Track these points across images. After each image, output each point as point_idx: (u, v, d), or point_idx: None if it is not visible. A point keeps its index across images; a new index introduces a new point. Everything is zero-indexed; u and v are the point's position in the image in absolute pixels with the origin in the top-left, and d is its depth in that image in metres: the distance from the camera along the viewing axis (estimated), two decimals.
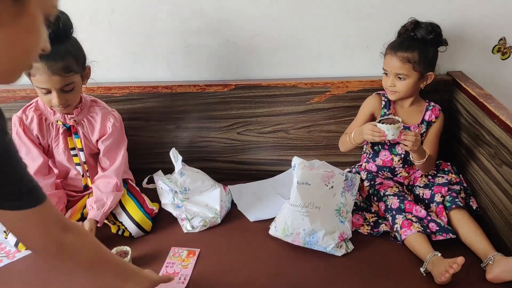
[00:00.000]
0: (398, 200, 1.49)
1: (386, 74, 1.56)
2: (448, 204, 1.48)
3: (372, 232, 1.49)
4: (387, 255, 1.40)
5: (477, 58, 1.77)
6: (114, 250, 1.36)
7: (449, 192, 1.52)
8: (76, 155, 1.50)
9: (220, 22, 1.69)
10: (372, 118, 1.62)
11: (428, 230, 1.41)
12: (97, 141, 1.50)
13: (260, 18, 1.68)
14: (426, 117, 1.62)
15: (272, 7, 1.67)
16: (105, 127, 1.49)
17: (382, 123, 1.46)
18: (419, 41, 1.53)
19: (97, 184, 1.50)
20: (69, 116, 1.44)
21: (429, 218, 1.44)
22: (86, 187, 1.57)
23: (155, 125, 1.74)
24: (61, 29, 1.28)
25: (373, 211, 1.58)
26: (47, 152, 1.51)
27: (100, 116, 1.48)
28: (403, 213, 1.45)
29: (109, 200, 1.46)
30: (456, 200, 1.48)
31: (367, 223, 1.53)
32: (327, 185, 1.46)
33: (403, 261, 1.37)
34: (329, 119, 1.76)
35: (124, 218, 1.48)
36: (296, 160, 1.48)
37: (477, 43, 1.75)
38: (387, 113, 1.58)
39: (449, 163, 1.65)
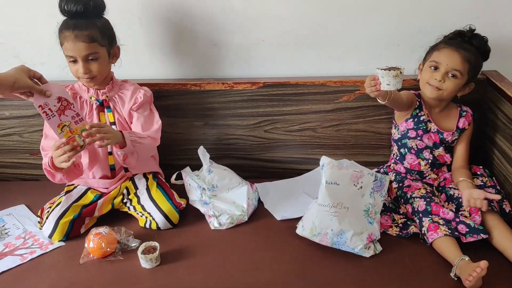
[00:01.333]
0: (425, 202, 1.46)
1: (435, 68, 1.51)
2: None
3: (401, 233, 1.47)
4: (416, 258, 1.38)
5: None
6: (143, 246, 1.39)
7: None
8: None
9: (248, 20, 1.68)
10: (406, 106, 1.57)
11: (456, 233, 1.37)
12: (129, 112, 1.56)
13: (289, 15, 1.68)
14: (460, 125, 1.59)
15: (301, 4, 1.66)
16: (136, 97, 1.56)
17: (381, 70, 1.31)
18: (475, 48, 1.52)
19: None
20: (101, 91, 1.54)
21: (457, 220, 1.41)
22: (113, 168, 1.61)
23: (184, 122, 1.76)
24: (91, 7, 1.44)
25: (401, 212, 1.56)
26: None
27: (131, 91, 1.57)
28: (430, 216, 1.42)
29: (139, 135, 1.51)
30: (492, 204, 1.44)
31: (396, 224, 1.51)
32: (356, 185, 1.44)
33: (433, 264, 1.35)
34: (357, 118, 1.74)
35: (152, 209, 1.52)
36: (324, 160, 1.47)
37: None
38: (396, 66, 1.37)
39: (481, 167, 1.61)
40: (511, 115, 1.51)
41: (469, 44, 1.53)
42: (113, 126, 1.57)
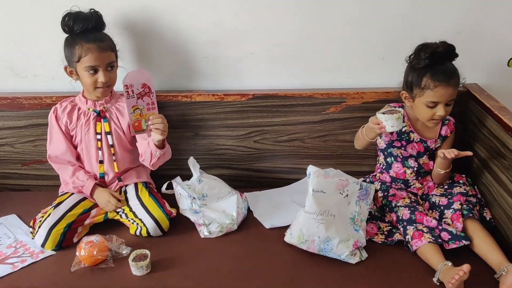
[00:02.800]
0: (409, 211, 1.50)
1: (433, 107, 1.50)
2: (465, 212, 1.48)
3: (386, 241, 1.51)
4: (401, 264, 1.41)
5: (492, 70, 1.78)
6: (133, 253, 1.40)
7: (466, 202, 1.53)
8: (100, 140, 1.61)
9: (239, 33, 1.73)
10: None
11: (440, 240, 1.42)
12: (128, 124, 1.59)
13: (278, 29, 1.73)
14: (443, 132, 1.63)
15: (290, 18, 1.71)
16: None
17: (383, 114, 1.44)
18: (450, 60, 1.52)
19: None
20: (99, 102, 1.61)
21: (440, 227, 1.45)
22: (103, 177, 1.64)
23: (174, 132, 1.79)
24: (100, 19, 1.56)
25: (387, 220, 1.60)
26: (75, 139, 1.65)
27: None
28: (414, 224, 1.46)
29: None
30: (473, 212, 1.49)
31: (381, 232, 1.55)
32: (342, 193, 1.48)
33: (417, 270, 1.38)
34: (344, 129, 1.79)
35: (143, 215, 1.55)
36: (311, 169, 1.51)
37: (492, 56, 1.76)
38: (391, 105, 1.48)
39: (463, 175, 1.66)
40: (491, 127, 1.56)
41: (446, 58, 1.51)
42: (109, 136, 1.61)
